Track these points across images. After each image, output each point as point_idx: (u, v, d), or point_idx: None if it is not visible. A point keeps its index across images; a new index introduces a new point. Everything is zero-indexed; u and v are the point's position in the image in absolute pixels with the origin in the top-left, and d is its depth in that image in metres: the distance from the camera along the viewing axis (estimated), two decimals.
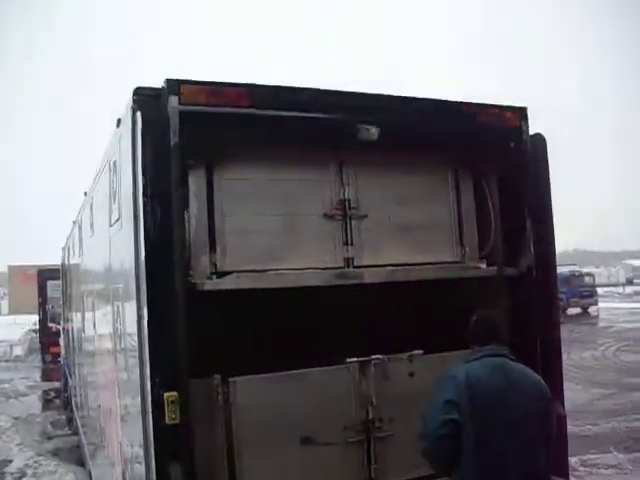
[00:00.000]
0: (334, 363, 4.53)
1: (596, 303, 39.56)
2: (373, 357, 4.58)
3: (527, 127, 5.00)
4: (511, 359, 3.91)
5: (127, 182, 4.08)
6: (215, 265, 4.25)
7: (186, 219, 4.20)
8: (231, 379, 4.16)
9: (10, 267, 46.55)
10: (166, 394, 3.73)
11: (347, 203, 4.63)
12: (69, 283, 12.07)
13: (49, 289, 22.26)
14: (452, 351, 4.74)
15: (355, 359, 4.54)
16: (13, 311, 41.39)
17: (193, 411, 3.86)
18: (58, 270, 15.98)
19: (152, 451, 3.79)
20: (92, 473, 8.60)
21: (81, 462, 10.89)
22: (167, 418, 3.73)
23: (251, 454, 4.17)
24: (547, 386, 3.92)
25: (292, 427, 4.29)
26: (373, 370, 4.57)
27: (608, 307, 40.76)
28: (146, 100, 3.94)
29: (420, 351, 4.72)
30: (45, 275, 22.45)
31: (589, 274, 41.91)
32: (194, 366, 3.91)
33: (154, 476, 3.79)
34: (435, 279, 4.85)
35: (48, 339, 22.13)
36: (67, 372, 14.66)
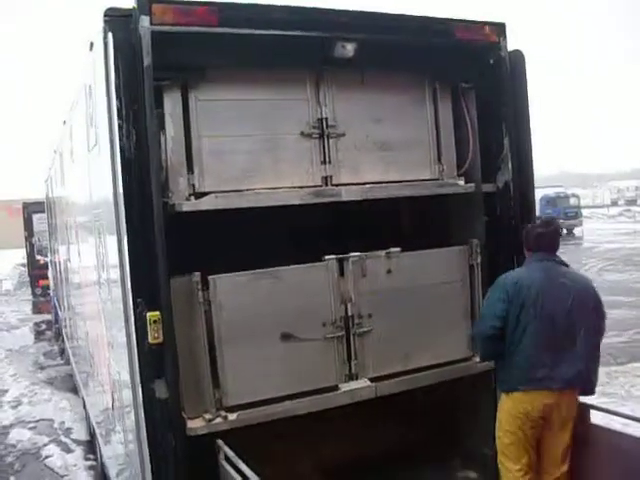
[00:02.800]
0: (313, 261, 4.61)
1: (581, 224, 39.88)
2: (351, 254, 4.67)
3: (506, 43, 4.96)
4: (561, 263, 4.51)
5: (102, 105, 4.04)
6: (193, 186, 4.26)
7: (163, 141, 4.20)
8: (210, 277, 4.24)
9: None
10: (149, 314, 3.80)
11: (324, 122, 4.61)
12: (53, 214, 12.04)
13: (35, 222, 22.14)
14: (429, 249, 4.90)
15: (333, 256, 4.62)
16: (0, 246, 41.25)
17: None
18: (43, 203, 15.89)
19: (137, 371, 3.89)
20: (85, 399, 8.80)
21: (74, 390, 11.12)
22: (150, 337, 3.81)
23: (232, 350, 4.29)
24: (593, 292, 4.48)
25: (272, 323, 4.41)
26: (351, 267, 4.66)
27: (593, 228, 41.22)
28: (117, 21, 3.87)
29: (397, 249, 4.80)
30: (30, 208, 22.29)
31: (574, 195, 42.04)
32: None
33: (140, 395, 3.89)
34: (413, 196, 4.88)
35: (37, 272, 22.13)
36: (57, 304, 14.77)
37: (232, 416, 4.24)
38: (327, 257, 4.60)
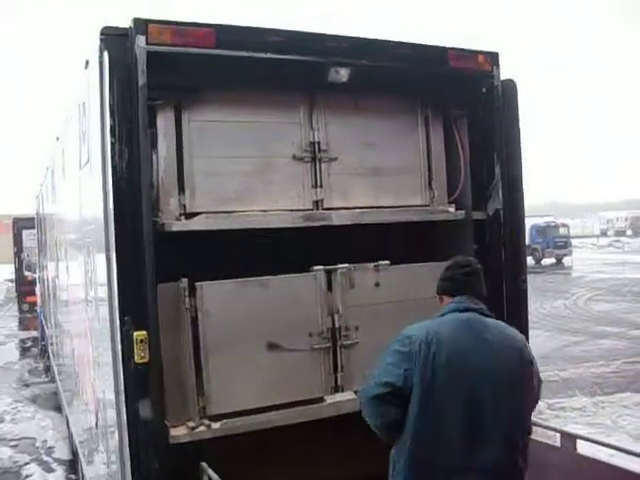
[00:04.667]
0: (301, 272, 4.59)
1: (570, 254, 40.12)
2: (339, 266, 4.64)
3: (498, 72, 4.98)
4: (485, 315, 3.45)
5: (95, 123, 4.04)
6: (184, 206, 4.25)
7: (154, 160, 4.20)
8: (198, 283, 4.20)
9: None
10: (135, 333, 3.76)
11: (317, 146, 4.62)
12: (43, 230, 12.01)
13: (24, 238, 22.17)
14: (419, 262, 4.88)
15: (321, 267, 4.60)
16: None
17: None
18: (33, 219, 15.87)
19: (122, 391, 3.84)
20: (69, 418, 8.72)
21: (58, 408, 11.06)
22: (136, 357, 3.77)
23: (218, 358, 4.24)
24: (528, 348, 3.48)
25: (259, 332, 4.37)
26: (339, 279, 4.63)
27: (582, 258, 41.42)
28: (113, 40, 3.87)
29: (387, 261, 4.79)
30: (20, 224, 22.32)
31: (564, 225, 42.33)
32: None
33: (124, 415, 3.84)
34: (403, 222, 4.89)
35: (24, 288, 22.11)
36: (44, 320, 14.70)
37: (216, 425, 4.20)
38: (315, 268, 4.59)
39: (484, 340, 3.30)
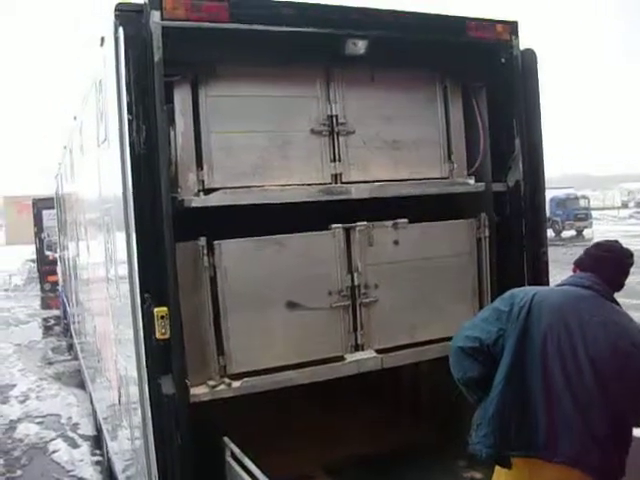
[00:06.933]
0: (319, 230, 4.57)
1: (591, 226, 39.66)
2: (358, 224, 4.62)
3: (518, 42, 4.92)
4: (607, 299, 3.29)
5: (112, 101, 4.04)
6: (202, 182, 4.25)
7: (172, 136, 4.19)
8: (216, 242, 4.21)
9: (5, 198, 46.54)
10: (156, 309, 3.78)
11: (335, 119, 4.59)
12: (63, 210, 12.08)
13: (45, 218, 22.27)
14: (437, 221, 4.86)
15: (340, 225, 4.58)
16: (10, 242, 41.56)
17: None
18: (52, 199, 15.96)
19: (144, 367, 3.87)
20: (92, 395, 8.83)
21: (82, 385, 11.15)
22: (157, 333, 3.79)
23: (237, 317, 4.27)
24: None
25: (278, 291, 4.38)
26: (358, 236, 4.61)
27: (603, 230, 40.91)
28: (128, 16, 3.86)
29: (405, 219, 4.77)
30: (40, 204, 22.43)
31: (584, 197, 41.82)
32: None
33: (147, 391, 3.87)
34: (423, 195, 4.85)
35: (46, 268, 22.28)
36: (65, 299, 14.83)
37: (236, 383, 4.21)
38: (334, 225, 4.57)
39: (588, 321, 3.13)
